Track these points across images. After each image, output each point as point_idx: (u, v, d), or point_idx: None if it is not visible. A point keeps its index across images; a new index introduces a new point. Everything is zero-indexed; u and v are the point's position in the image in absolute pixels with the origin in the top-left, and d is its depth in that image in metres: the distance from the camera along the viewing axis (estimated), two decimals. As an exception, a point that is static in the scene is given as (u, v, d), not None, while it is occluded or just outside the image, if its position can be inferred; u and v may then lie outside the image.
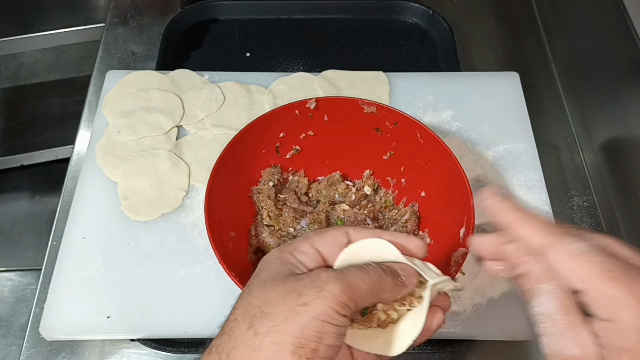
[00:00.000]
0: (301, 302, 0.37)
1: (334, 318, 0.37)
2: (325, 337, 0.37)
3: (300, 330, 0.36)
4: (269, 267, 0.41)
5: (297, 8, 0.97)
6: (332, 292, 0.37)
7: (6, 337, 1.46)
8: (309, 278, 0.39)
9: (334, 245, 0.43)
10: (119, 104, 0.78)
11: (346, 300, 0.38)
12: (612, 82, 0.79)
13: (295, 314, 0.36)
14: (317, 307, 0.37)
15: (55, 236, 0.72)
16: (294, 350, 0.36)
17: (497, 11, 1.00)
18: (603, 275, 0.35)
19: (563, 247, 0.38)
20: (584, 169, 0.81)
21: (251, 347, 0.36)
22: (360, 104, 0.65)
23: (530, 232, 0.40)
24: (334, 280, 0.38)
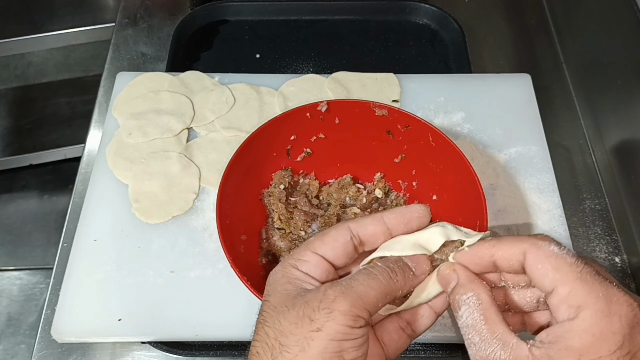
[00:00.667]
0: (314, 328, 0.37)
1: (350, 334, 0.37)
2: (346, 354, 0.37)
3: (320, 355, 0.36)
4: (277, 288, 0.41)
5: (307, 9, 0.97)
6: (342, 310, 0.37)
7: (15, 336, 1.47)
8: (317, 299, 0.38)
9: (338, 246, 0.42)
10: (130, 105, 0.78)
11: (358, 312, 0.38)
12: (625, 83, 0.78)
13: (310, 341, 0.37)
14: (331, 329, 0.37)
15: (66, 238, 0.72)
16: None
17: (509, 12, 1.00)
18: (573, 275, 0.36)
19: (539, 249, 0.38)
20: (596, 171, 0.81)
21: None
22: (371, 107, 0.65)
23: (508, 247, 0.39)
24: (342, 296, 0.38)
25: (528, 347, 0.36)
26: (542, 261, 0.37)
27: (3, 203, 1.67)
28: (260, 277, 0.62)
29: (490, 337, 0.37)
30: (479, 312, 0.38)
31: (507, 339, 0.37)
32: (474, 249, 0.42)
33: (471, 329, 0.38)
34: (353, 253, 0.43)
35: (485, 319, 0.38)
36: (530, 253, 0.38)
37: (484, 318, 0.38)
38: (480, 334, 0.37)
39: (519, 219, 0.69)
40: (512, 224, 0.68)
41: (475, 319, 0.38)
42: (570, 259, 0.37)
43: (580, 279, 0.36)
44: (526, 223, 0.69)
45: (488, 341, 0.37)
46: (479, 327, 0.38)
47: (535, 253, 0.38)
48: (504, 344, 0.36)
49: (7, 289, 1.54)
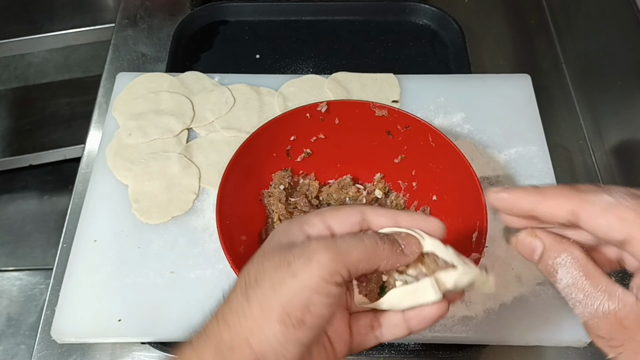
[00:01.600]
0: (290, 272, 0.37)
1: (323, 287, 0.37)
2: (313, 307, 0.37)
3: (288, 300, 0.37)
4: (273, 239, 0.42)
5: (306, 10, 0.97)
6: (320, 261, 0.37)
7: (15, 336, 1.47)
8: (300, 248, 0.38)
9: (347, 223, 0.42)
10: (130, 106, 0.78)
11: (336, 267, 0.37)
12: (625, 83, 0.78)
13: (283, 284, 0.37)
14: (305, 277, 0.37)
15: (66, 238, 0.72)
16: (279, 318, 0.36)
17: (508, 12, 1.00)
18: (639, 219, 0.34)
19: (593, 205, 0.36)
20: (596, 172, 0.81)
21: (242, 314, 0.37)
22: (371, 107, 0.65)
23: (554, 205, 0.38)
24: (323, 249, 0.38)
25: (635, 293, 0.35)
26: (603, 215, 0.35)
27: (3, 203, 1.67)
28: (260, 278, 0.62)
29: (595, 290, 0.36)
30: (577, 269, 0.37)
31: (612, 290, 0.35)
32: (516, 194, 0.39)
33: (573, 288, 0.37)
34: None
35: (586, 275, 0.36)
36: (583, 211, 0.36)
37: (584, 274, 0.36)
38: (584, 291, 0.36)
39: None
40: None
41: (576, 277, 0.37)
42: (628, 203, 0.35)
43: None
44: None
45: (593, 295, 0.36)
46: (581, 284, 0.36)
47: (590, 210, 0.36)
48: (610, 294, 0.35)
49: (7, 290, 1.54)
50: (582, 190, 0.37)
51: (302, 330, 0.37)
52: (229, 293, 0.40)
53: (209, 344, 0.38)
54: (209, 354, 0.37)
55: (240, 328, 0.37)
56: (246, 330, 0.37)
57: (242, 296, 0.38)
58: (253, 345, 0.37)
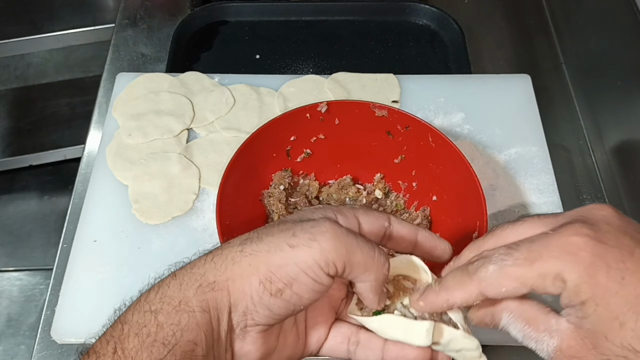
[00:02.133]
0: (290, 242, 0.37)
1: (314, 271, 0.37)
2: (296, 285, 0.37)
3: (277, 266, 0.37)
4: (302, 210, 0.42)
5: (306, 10, 0.97)
6: (323, 246, 0.37)
7: (15, 337, 1.47)
8: (311, 223, 0.38)
9: (375, 224, 0.42)
10: (130, 106, 0.78)
11: (334, 259, 0.37)
12: (625, 83, 0.78)
13: (279, 250, 0.37)
14: (302, 254, 0.37)
15: (66, 239, 0.72)
16: (262, 280, 0.37)
17: (508, 13, 1.00)
18: (525, 268, 0.36)
19: (487, 284, 0.37)
20: (596, 172, 0.81)
21: (231, 260, 0.38)
22: (371, 108, 0.65)
23: (462, 296, 0.39)
24: (332, 235, 0.37)
25: (565, 319, 0.36)
26: (501, 285, 0.37)
27: (3, 204, 1.67)
28: (260, 278, 0.62)
29: (539, 334, 0.37)
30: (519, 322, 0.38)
31: (549, 325, 0.36)
32: (428, 300, 0.41)
33: (526, 340, 0.38)
34: (381, 238, 0.43)
35: (527, 322, 0.38)
36: (486, 292, 0.37)
37: (525, 322, 0.38)
38: (532, 338, 0.37)
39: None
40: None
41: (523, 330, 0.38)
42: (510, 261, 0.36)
43: (532, 264, 0.35)
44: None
45: (540, 339, 0.37)
46: (528, 334, 0.37)
47: (490, 288, 0.37)
48: (549, 331, 0.36)
49: (7, 290, 1.54)
50: (471, 271, 0.38)
51: (276, 299, 0.37)
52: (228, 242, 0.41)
53: (193, 280, 0.38)
54: (191, 290, 0.38)
55: (225, 273, 0.38)
56: (229, 277, 0.38)
57: (238, 245, 0.39)
58: (230, 292, 0.38)
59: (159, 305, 0.38)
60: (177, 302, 0.38)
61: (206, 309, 0.37)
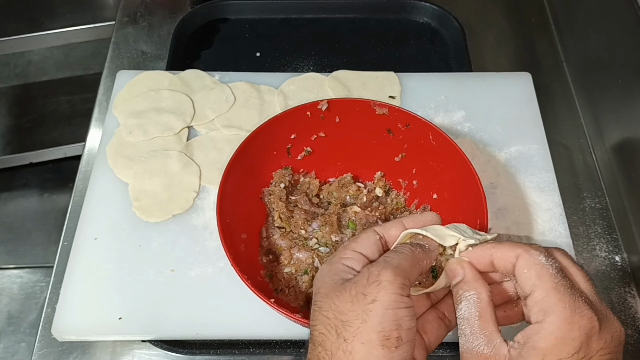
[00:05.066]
0: (369, 301, 0.41)
1: (402, 302, 0.41)
2: (403, 323, 0.41)
3: (380, 324, 0.40)
4: (325, 280, 0.45)
5: (307, 7, 0.96)
6: (388, 279, 0.41)
7: (16, 334, 1.47)
8: (364, 277, 0.42)
9: (370, 244, 0.47)
10: (130, 104, 0.78)
11: (402, 280, 0.42)
12: (626, 82, 0.78)
13: (369, 312, 0.40)
14: (384, 298, 0.41)
15: (66, 236, 0.72)
16: (382, 344, 0.40)
17: (509, 10, 1.00)
18: (550, 284, 0.41)
19: (530, 256, 0.43)
20: (597, 170, 0.81)
21: (347, 351, 0.40)
22: (372, 106, 0.65)
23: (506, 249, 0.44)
24: (384, 269, 0.42)
25: (508, 347, 0.41)
26: (529, 266, 0.42)
27: (3, 201, 1.67)
28: (260, 276, 0.62)
29: (479, 332, 0.42)
30: (476, 308, 0.43)
31: (493, 337, 0.41)
32: (477, 249, 0.46)
33: (465, 322, 0.43)
34: (381, 249, 0.48)
35: (480, 316, 0.42)
36: (521, 258, 0.43)
37: (479, 315, 0.42)
38: (471, 328, 0.42)
39: (519, 218, 0.69)
40: (512, 223, 0.68)
41: (472, 314, 0.43)
42: (552, 271, 0.42)
43: (555, 288, 0.41)
44: (526, 222, 0.69)
45: (476, 335, 0.42)
46: (473, 322, 0.42)
47: (526, 259, 0.43)
48: (489, 340, 0.41)
49: (7, 288, 1.54)
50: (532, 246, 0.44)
51: (402, 347, 0.40)
52: (312, 339, 0.43)
53: None
54: None
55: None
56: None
57: (337, 338, 0.41)
58: None
59: None
60: None
61: None
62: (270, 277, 0.63)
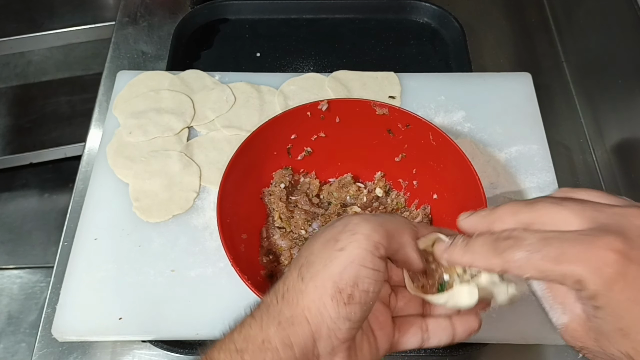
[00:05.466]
0: (338, 248, 0.39)
1: (369, 261, 0.39)
2: (361, 282, 0.39)
3: (339, 275, 0.39)
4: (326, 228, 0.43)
5: (307, 8, 0.96)
6: (364, 232, 0.39)
7: (16, 334, 1.47)
8: (343, 223, 0.41)
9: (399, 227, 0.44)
10: (130, 104, 0.78)
11: (379, 239, 0.40)
12: (626, 82, 0.78)
13: (334, 259, 0.39)
14: (352, 250, 0.39)
15: (66, 237, 0.72)
16: (332, 295, 0.38)
17: (509, 11, 1.00)
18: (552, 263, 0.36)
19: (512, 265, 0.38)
20: (597, 170, 0.81)
21: (299, 291, 0.40)
22: (372, 106, 0.65)
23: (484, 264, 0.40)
24: (365, 221, 0.40)
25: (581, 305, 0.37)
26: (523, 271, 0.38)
27: (3, 201, 1.67)
28: (261, 276, 0.62)
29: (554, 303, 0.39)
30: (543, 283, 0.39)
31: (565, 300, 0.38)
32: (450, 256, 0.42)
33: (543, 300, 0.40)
34: None
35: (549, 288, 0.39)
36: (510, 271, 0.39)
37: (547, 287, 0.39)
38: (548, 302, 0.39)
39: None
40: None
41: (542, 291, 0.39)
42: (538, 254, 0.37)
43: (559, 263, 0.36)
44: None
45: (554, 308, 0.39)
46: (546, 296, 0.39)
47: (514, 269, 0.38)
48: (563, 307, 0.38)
49: (7, 288, 1.54)
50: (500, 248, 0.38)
51: (351, 306, 0.39)
52: (283, 275, 0.42)
53: (272, 319, 0.40)
54: (272, 328, 0.39)
55: (298, 305, 0.39)
56: (303, 307, 0.39)
57: (297, 276, 0.40)
58: (309, 321, 0.39)
59: (243, 344, 0.39)
60: (260, 341, 0.39)
61: (289, 344, 0.39)
62: (271, 277, 0.63)
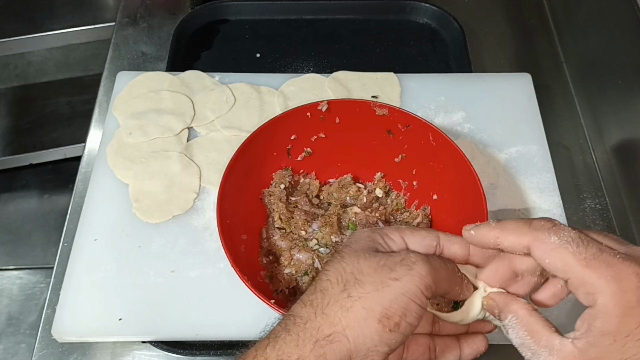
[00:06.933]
0: (392, 277, 0.40)
1: (419, 298, 0.40)
2: (409, 315, 0.39)
3: (389, 302, 0.39)
4: (360, 241, 0.44)
5: (307, 8, 0.96)
6: (420, 272, 0.40)
7: (16, 335, 1.47)
8: (399, 257, 0.41)
9: (423, 244, 0.45)
10: (130, 105, 0.78)
11: (431, 282, 0.40)
12: (625, 82, 0.78)
13: (386, 286, 0.39)
14: (407, 284, 0.40)
15: (66, 237, 0.72)
16: (380, 319, 0.39)
17: (509, 11, 1.00)
18: (579, 265, 0.37)
19: (541, 244, 0.39)
20: (597, 171, 0.81)
21: (344, 307, 0.39)
22: (372, 107, 0.65)
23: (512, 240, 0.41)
24: (422, 262, 0.41)
25: (571, 341, 0.38)
26: (548, 255, 0.39)
27: (3, 202, 1.67)
28: (261, 277, 0.62)
29: (538, 348, 0.39)
30: (522, 329, 0.41)
31: (552, 343, 0.39)
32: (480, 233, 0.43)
33: (522, 347, 0.40)
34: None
35: (530, 333, 0.40)
36: (534, 248, 0.40)
37: (529, 332, 0.40)
38: (530, 349, 0.40)
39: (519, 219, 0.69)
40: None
41: (522, 337, 0.40)
42: (572, 248, 0.38)
43: (587, 266, 0.37)
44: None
45: (538, 352, 0.39)
46: (527, 343, 0.40)
47: (540, 248, 0.39)
48: (550, 349, 0.39)
49: (7, 289, 1.54)
50: (535, 227, 0.40)
51: (395, 334, 0.39)
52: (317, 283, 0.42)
53: (309, 336, 0.39)
54: (308, 346, 0.39)
55: (340, 322, 0.39)
56: (345, 325, 0.39)
57: (342, 291, 0.40)
58: (350, 340, 0.39)
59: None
60: (295, 359, 0.39)
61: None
62: (271, 278, 0.63)
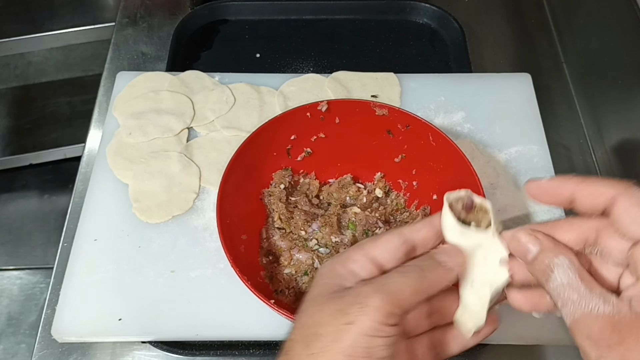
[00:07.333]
0: (347, 321, 0.38)
1: (381, 330, 0.38)
2: (375, 351, 0.38)
3: (350, 348, 0.37)
4: (319, 282, 0.42)
5: (307, 9, 0.96)
6: (375, 305, 0.38)
7: (16, 335, 1.47)
8: (353, 294, 0.39)
9: (389, 249, 0.42)
10: (130, 105, 0.78)
11: (391, 309, 0.38)
12: (625, 83, 0.78)
13: (343, 333, 0.38)
14: (362, 323, 0.38)
15: (66, 237, 0.72)
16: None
17: (509, 11, 1.00)
18: None
19: (632, 196, 0.37)
20: (597, 171, 0.81)
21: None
22: (372, 107, 0.65)
23: (597, 190, 0.39)
24: (376, 292, 0.39)
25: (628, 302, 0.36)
26: (633, 209, 0.37)
27: (3, 203, 1.67)
28: (261, 277, 0.62)
29: (590, 293, 0.37)
30: (573, 272, 0.38)
31: (607, 296, 0.37)
32: (556, 181, 0.41)
33: (568, 287, 0.37)
34: (403, 257, 0.43)
35: (582, 278, 0.37)
36: (622, 197, 0.37)
37: (580, 277, 0.37)
38: (578, 291, 0.37)
39: (519, 219, 0.69)
40: (512, 224, 0.68)
41: (571, 278, 0.38)
42: None
43: None
44: (526, 223, 0.68)
45: (589, 297, 0.37)
46: (577, 285, 0.37)
47: (628, 199, 0.37)
48: (605, 299, 0.36)
49: (7, 289, 1.54)
50: (626, 184, 0.38)
51: None
52: (285, 343, 0.41)
53: None
54: None
55: None
56: None
57: (304, 349, 0.39)
58: None
59: None
60: None
61: None
62: (271, 278, 0.63)
